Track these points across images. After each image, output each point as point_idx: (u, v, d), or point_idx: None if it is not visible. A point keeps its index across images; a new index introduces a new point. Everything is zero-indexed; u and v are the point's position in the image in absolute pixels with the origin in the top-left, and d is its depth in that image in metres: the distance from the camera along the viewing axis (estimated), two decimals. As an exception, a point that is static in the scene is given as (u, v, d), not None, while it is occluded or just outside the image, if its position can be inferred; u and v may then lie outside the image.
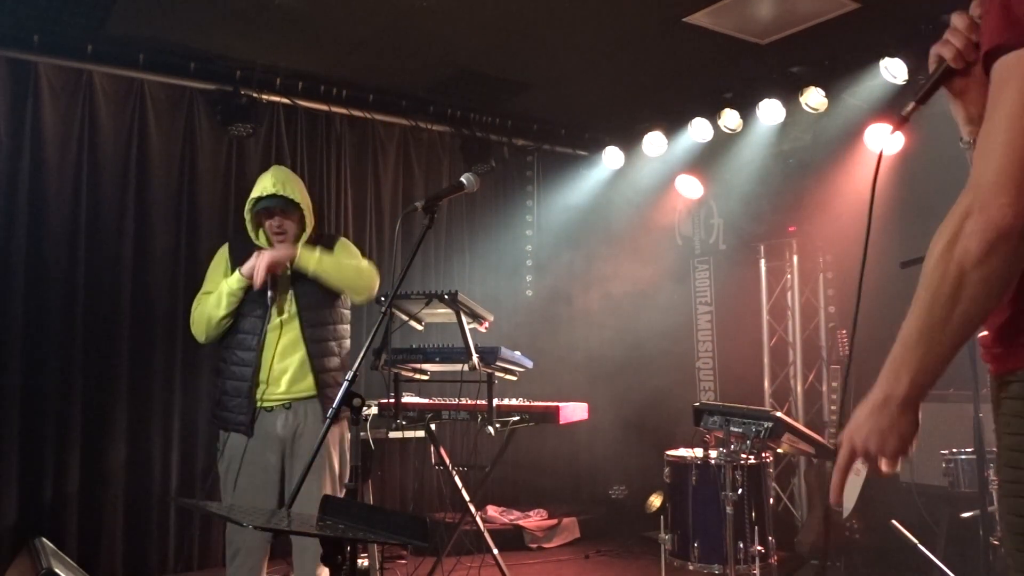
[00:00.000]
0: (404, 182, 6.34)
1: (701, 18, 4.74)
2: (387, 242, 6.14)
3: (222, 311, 3.28)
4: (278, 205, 3.36)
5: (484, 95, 6.09)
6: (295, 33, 5.00)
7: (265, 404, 3.28)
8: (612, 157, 6.64)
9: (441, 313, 3.99)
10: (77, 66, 5.03)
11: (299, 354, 3.31)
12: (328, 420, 2.32)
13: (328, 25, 4.87)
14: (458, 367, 3.83)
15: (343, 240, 3.61)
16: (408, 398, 4.33)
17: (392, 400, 4.09)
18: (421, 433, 4.77)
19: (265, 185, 3.37)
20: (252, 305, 3.31)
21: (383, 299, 3.63)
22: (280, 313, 3.33)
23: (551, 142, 6.98)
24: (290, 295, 3.36)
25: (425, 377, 4.15)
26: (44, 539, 3.00)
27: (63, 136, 4.99)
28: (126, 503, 4.98)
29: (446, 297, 3.78)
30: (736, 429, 3.57)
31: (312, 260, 3.33)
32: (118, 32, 4.89)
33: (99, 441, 4.93)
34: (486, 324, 4.03)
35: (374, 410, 4.34)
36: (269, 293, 3.29)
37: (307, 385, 3.31)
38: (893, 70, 4.87)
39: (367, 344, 2.46)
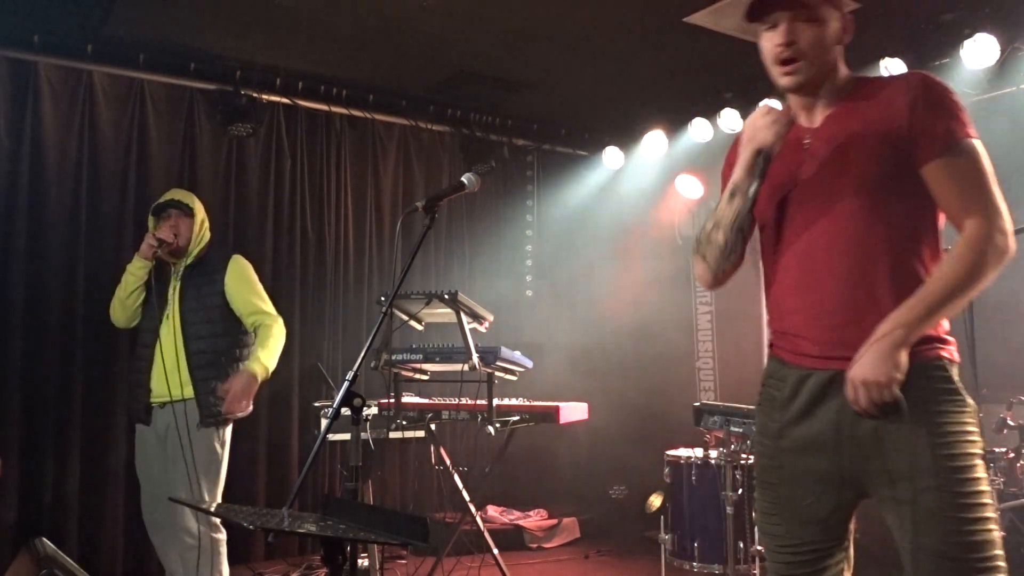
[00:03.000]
0: (404, 182, 6.34)
1: (701, 18, 4.74)
2: (387, 242, 6.14)
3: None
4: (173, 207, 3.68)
5: (484, 95, 6.09)
6: (295, 33, 5.00)
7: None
8: (612, 157, 6.64)
9: (441, 313, 4.00)
10: (77, 66, 5.03)
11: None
12: (329, 420, 2.32)
13: (328, 25, 4.87)
14: (458, 367, 3.84)
15: (237, 261, 3.75)
16: (408, 398, 4.34)
17: (392, 400, 4.10)
18: (421, 433, 4.77)
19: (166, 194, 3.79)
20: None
21: (383, 299, 3.65)
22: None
23: (551, 142, 6.98)
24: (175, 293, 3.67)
25: (425, 377, 4.16)
26: (44, 539, 3.00)
27: (63, 136, 4.99)
28: (126, 503, 4.98)
29: (446, 297, 3.79)
30: (736, 429, 3.58)
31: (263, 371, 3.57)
32: (118, 32, 4.89)
33: (99, 441, 4.93)
34: (486, 324, 4.03)
35: (374, 410, 4.34)
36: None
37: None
38: (893, 70, 4.86)
39: (367, 344, 2.46)
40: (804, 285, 1.90)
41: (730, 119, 5.78)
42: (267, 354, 3.56)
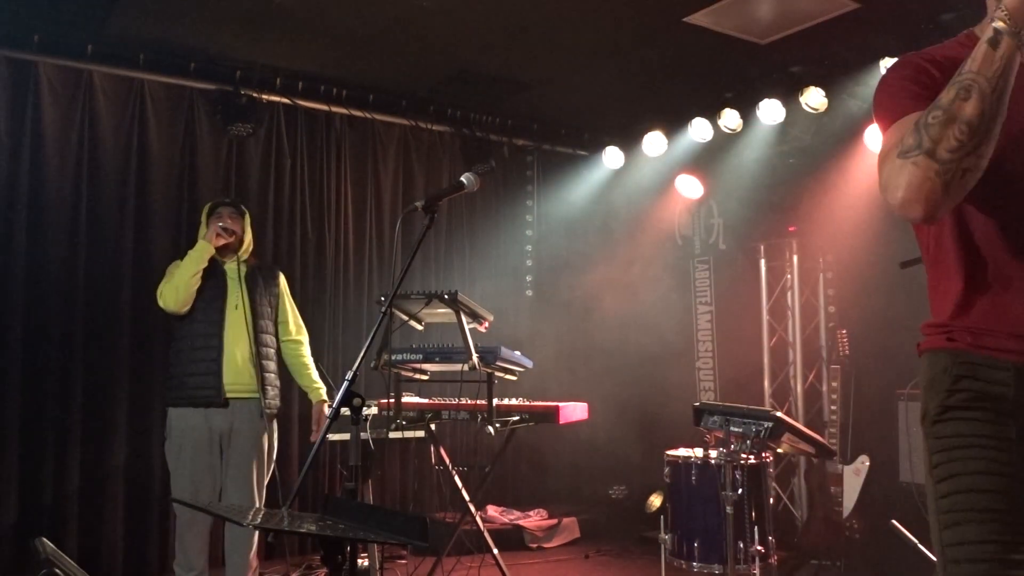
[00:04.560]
0: (404, 182, 6.33)
1: (701, 18, 4.74)
2: (387, 242, 6.14)
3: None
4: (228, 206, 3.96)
5: (484, 95, 6.09)
6: (295, 33, 5.00)
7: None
8: (612, 157, 6.64)
9: (441, 313, 3.99)
10: (77, 66, 5.03)
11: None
12: (329, 420, 2.32)
13: (328, 25, 4.87)
14: (458, 367, 3.83)
15: (283, 277, 4.12)
16: (408, 398, 4.33)
17: (392, 400, 4.09)
18: (421, 433, 4.77)
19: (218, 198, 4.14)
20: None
21: (383, 299, 3.66)
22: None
23: (551, 142, 6.98)
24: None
25: (425, 377, 4.16)
26: (44, 539, 3.00)
27: (63, 136, 4.99)
28: (126, 503, 4.98)
29: (446, 297, 3.79)
30: (736, 429, 3.58)
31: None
32: (118, 32, 4.89)
33: (99, 441, 4.93)
34: (486, 324, 4.03)
35: (374, 410, 4.34)
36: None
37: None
38: (893, 70, 4.86)
39: (367, 344, 2.46)
40: None
41: (730, 119, 5.78)
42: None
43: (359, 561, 4.38)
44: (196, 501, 3.58)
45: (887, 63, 4.86)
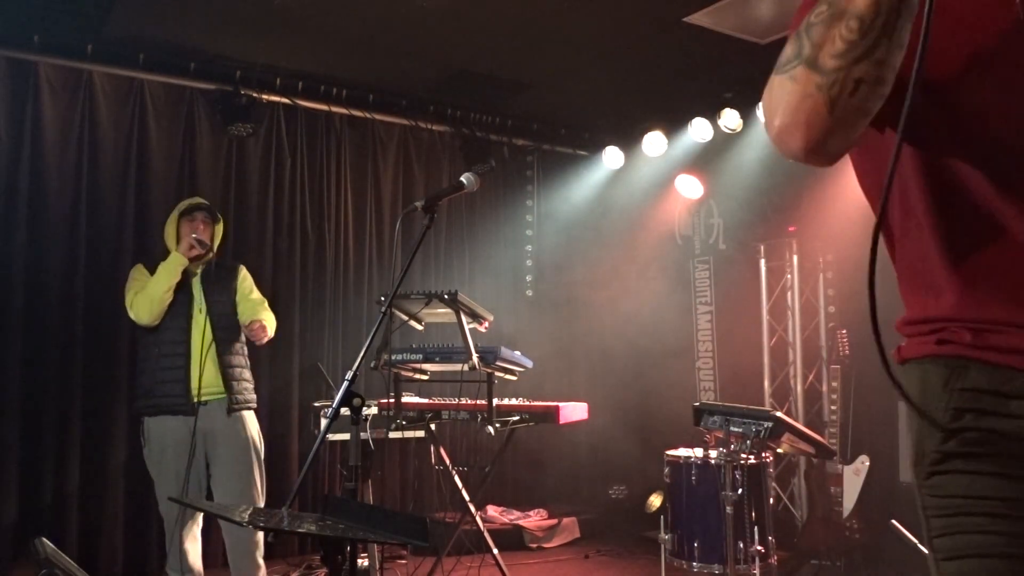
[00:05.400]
0: (404, 182, 6.33)
1: (701, 18, 4.74)
2: (387, 242, 6.14)
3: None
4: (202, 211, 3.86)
5: (484, 95, 6.09)
6: (295, 33, 5.00)
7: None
8: (612, 157, 6.64)
9: (441, 313, 3.99)
10: (77, 66, 5.03)
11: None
12: (329, 420, 2.32)
13: (328, 25, 4.87)
14: (458, 367, 3.83)
15: (243, 269, 4.01)
16: (408, 398, 4.33)
17: (392, 400, 4.09)
18: (421, 433, 4.77)
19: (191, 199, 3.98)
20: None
21: (383, 299, 3.66)
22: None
23: (551, 142, 6.98)
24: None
25: (425, 377, 4.15)
26: (44, 539, 3.00)
27: (63, 136, 4.99)
28: (126, 503, 4.98)
29: (446, 297, 3.78)
30: (736, 429, 3.58)
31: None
32: (118, 32, 4.89)
33: (99, 441, 4.93)
34: (486, 324, 4.03)
35: (374, 410, 4.34)
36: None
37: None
38: (893, 70, 4.86)
39: (367, 344, 2.46)
40: None
41: (730, 119, 5.78)
42: (269, 317, 3.86)
43: (359, 561, 4.38)
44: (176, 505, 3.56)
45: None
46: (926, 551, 1.23)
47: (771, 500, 4.11)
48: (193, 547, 3.70)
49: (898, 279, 1.26)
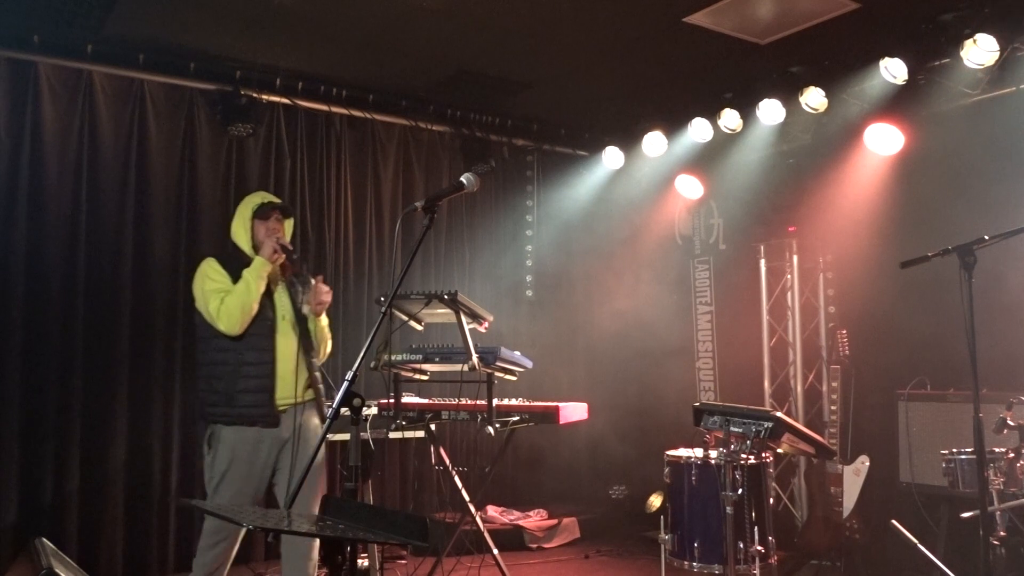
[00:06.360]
0: (404, 182, 6.33)
1: (701, 18, 4.74)
2: (387, 242, 6.14)
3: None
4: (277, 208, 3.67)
5: (484, 95, 6.09)
6: (295, 33, 5.00)
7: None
8: (612, 157, 6.64)
9: (441, 313, 3.99)
10: (77, 66, 5.03)
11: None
12: (328, 421, 2.32)
13: (328, 25, 4.87)
14: (458, 367, 3.83)
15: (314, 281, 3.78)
16: (408, 398, 4.33)
17: (392, 400, 4.09)
18: (421, 433, 4.77)
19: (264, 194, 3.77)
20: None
21: (383, 299, 3.66)
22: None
23: (551, 142, 6.98)
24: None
25: (425, 377, 4.15)
26: (44, 539, 3.00)
27: (63, 136, 4.99)
28: (126, 503, 4.98)
29: (446, 297, 3.78)
30: (736, 429, 3.57)
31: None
32: (118, 32, 4.89)
33: (99, 441, 4.93)
34: (486, 324, 4.03)
35: (374, 410, 4.34)
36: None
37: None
38: (893, 70, 4.87)
39: (367, 344, 2.46)
40: None
41: (730, 119, 5.78)
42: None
43: (359, 561, 4.38)
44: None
45: (887, 63, 4.86)
46: (926, 551, 1.24)
47: (771, 500, 4.10)
48: (226, 558, 3.53)
49: None
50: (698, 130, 5.95)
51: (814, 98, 5.28)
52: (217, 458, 3.46)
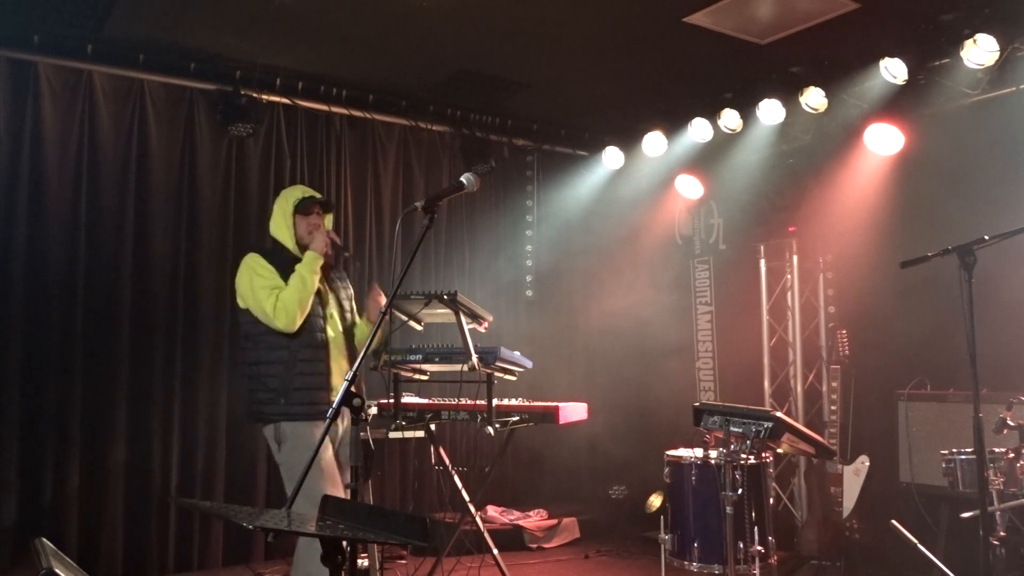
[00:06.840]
0: (404, 182, 6.33)
1: (701, 18, 4.74)
2: (387, 242, 6.14)
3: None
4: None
5: (484, 95, 6.09)
6: (295, 33, 5.00)
7: None
8: (612, 157, 6.64)
9: (441, 313, 3.99)
10: (77, 66, 5.03)
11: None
12: (328, 420, 2.33)
13: (328, 25, 4.87)
14: (458, 367, 3.83)
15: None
16: (408, 398, 4.33)
17: (392, 400, 4.09)
18: (421, 433, 4.77)
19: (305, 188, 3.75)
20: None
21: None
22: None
23: (551, 142, 6.98)
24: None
25: (425, 377, 4.15)
26: (44, 539, 3.00)
27: (63, 136, 4.99)
28: (126, 503, 4.98)
29: (446, 297, 3.78)
30: (736, 429, 3.57)
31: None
32: (118, 32, 4.89)
33: (99, 441, 4.93)
34: (486, 324, 4.03)
35: (374, 410, 4.34)
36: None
37: None
38: (893, 70, 4.87)
39: (367, 344, 2.46)
40: None
41: (730, 119, 5.78)
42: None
43: (359, 561, 4.37)
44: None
45: (887, 63, 4.86)
46: (926, 551, 1.25)
47: (771, 500, 4.10)
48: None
49: None
50: (698, 130, 5.95)
51: (814, 98, 5.28)
52: (288, 455, 3.42)
